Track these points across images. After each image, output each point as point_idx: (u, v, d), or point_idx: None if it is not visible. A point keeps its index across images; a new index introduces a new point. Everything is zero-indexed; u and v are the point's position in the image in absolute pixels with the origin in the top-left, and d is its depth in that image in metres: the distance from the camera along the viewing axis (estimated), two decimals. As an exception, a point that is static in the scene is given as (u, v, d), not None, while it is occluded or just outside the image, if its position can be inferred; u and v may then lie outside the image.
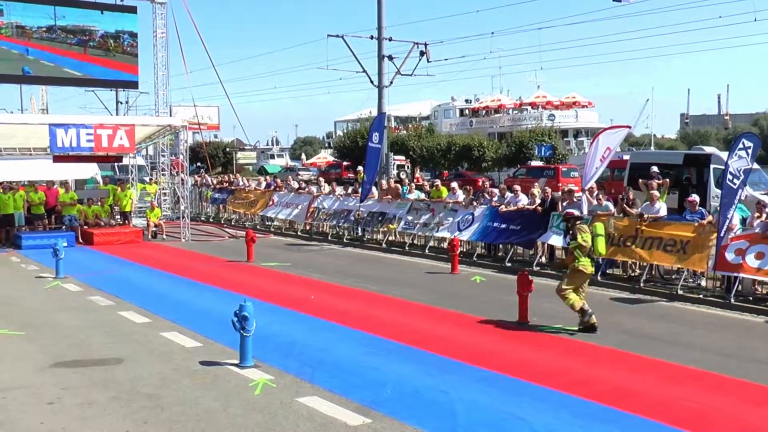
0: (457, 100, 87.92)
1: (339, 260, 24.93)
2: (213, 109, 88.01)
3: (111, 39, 38.80)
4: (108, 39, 38.59)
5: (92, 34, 38.42)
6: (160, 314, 16.05)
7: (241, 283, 20.08)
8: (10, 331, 14.65)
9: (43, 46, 36.95)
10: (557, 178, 46.05)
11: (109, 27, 38.71)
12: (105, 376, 11.55)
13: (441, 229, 25.12)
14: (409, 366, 12.02)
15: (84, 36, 38.20)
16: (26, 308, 17.07)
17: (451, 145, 66.95)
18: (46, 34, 37.17)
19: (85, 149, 27.95)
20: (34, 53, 36.74)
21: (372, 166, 29.40)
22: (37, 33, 36.96)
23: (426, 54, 38.16)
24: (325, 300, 17.81)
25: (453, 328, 14.85)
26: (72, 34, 37.92)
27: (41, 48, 36.95)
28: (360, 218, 28.95)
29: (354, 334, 14.34)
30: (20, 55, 36.55)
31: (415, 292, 18.69)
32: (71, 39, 37.73)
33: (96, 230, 29.80)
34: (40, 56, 37.01)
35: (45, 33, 37.15)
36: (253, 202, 35.96)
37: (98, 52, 38.46)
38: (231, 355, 12.36)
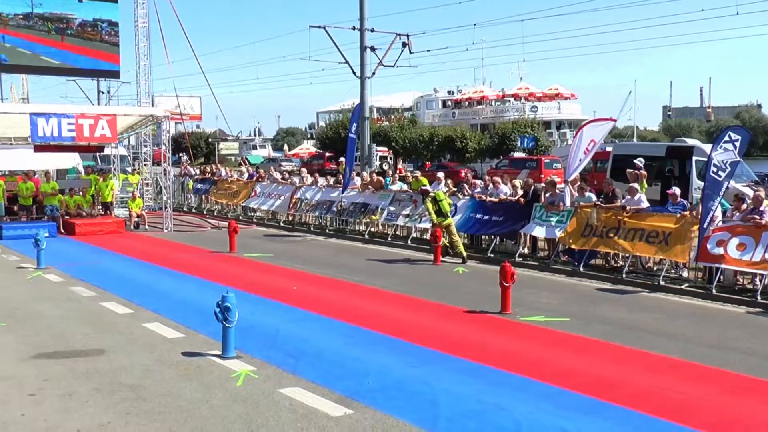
0: (439, 92, 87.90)
1: (322, 251, 24.91)
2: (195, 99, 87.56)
3: (89, 27, 38.56)
4: (86, 27, 38.34)
5: (70, 22, 38.18)
6: (143, 305, 15.99)
7: (224, 273, 20.04)
8: (-9, 322, 14.57)
9: (19, 34, 36.69)
10: (540, 169, 46.12)
11: (87, 15, 38.46)
12: (87, 367, 11.50)
13: (423, 220, 25.12)
14: (391, 357, 12.03)
15: (61, 24, 37.96)
16: (7, 299, 16.96)
17: (433, 137, 66.99)
18: (23, 22, 36.90)
19: (67, 139, 27.76)
20: (10, 41, 36.49)
21: (351, 156, 29.45)
22: (13, 20, 36.70)
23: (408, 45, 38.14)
24: (307, 291, 17.79)
25: (435, 319, 14.87)
26: (49, 21, 37.67)
27: (18, 35, 36.68)
28: (342, 209, 28.93)
29: (336, 324, 14.34)
30: None
31: (397, 283, 18.70)
32: (48, 26, 37.48)
33: (78, 220, 29.65)
34: (17, 44, 36.75)
35: (22, 20, 36.89)
36: (235, 193, 35.86)
37: (77, 41, 38.22)
38: (213, 346, 12.34)
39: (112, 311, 15.55)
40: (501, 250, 23.04)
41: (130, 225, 31.24)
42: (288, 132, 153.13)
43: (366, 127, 35.95)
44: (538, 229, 21.41)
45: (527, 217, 21.85)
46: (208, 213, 37.01)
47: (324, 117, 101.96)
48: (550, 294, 17.47)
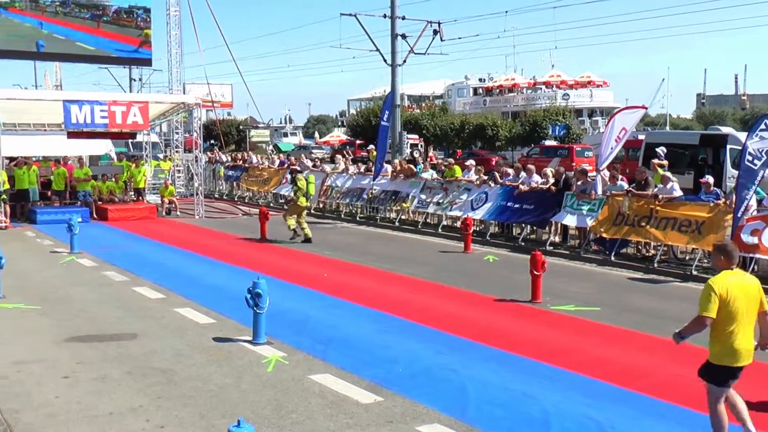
0: (470, 79, 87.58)
1: (352, 238, 24.96)
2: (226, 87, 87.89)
3: (125, 14, 38.86)
4: (122, 14, 38.64)
5: (105, 9, 38.50)
6: (174, 290, 16.14)
7: (255, 259, 20.15)
8: (26, 305, 14.78)
9: (56, 20, 37.02)
10: (571, 157, 45.95)
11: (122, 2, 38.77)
12: (119, 351, 11.65)
13: (454, 207, 25.09)
14: (420, 344, 12.06)
15: (97, 11, 38.28)
16: (41, 283, 17.19)
17: (464, 124, 66.82)
18: (59, 8, 37.24)
19: (99, 126, 28.01)
20: (48, 27, 36.85)
21: (383, 144, 29.44)
22: (51, 7, 37.04)
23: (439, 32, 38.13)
24: (337, 277, 17.86)
25: (465, 307, 14.88)
26: (85, 8, 38.00)
27: (55, 22, 37.04)
28: (373, 196, 28.97)
29: (366, 311, 14.39)
30: (34, 28, 36.66)
31: (427, 271, 18.72)
32: (84, 13, 37.80)
33: (110, 206, 29.93)
34: (54, 30, 37.12)
35: (59, 7, 37.23)
36: (266, 180, 36.00)
37: (112, 28, 38.54)
38: (244, 332, 12.44)
39: (144, 296, 15.72)
40: (531, 239, 23.00)
41: (161, 211, 31.49)
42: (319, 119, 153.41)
43: (397, 115, 35.95)
44: (569, 217, 21.33)
45: (558, 205, 21.76)
46: (239, 200, 37.20)
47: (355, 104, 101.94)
48: (581, 283, 17.42)
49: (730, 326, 7.83)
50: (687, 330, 8.05)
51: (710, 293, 7.75)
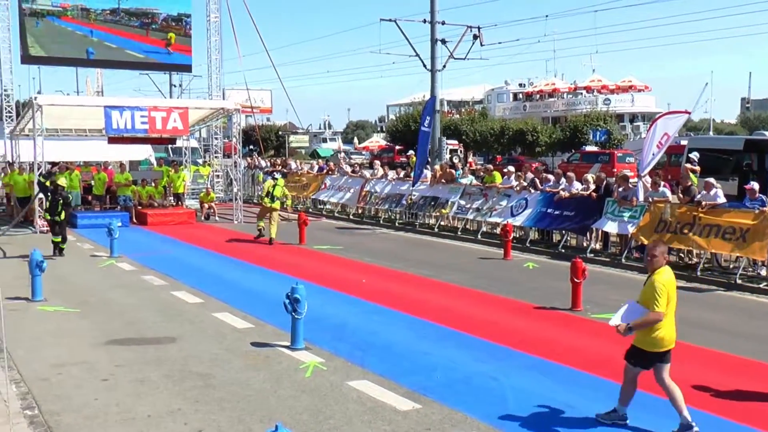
0: (510, 84, 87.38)
1: (391, 244, 24.96)
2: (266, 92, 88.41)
3: (173, 21, 39.34)
4: (170, 21, 39.13)
5: (154, 17, 39.02)
6: (213, 295, 16.23)
7: (293, 265, 20.21)
8: (66, 308, 14.94)
9: (106, 28, 37.65)
10: (612, 163, 45.65)
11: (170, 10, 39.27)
12: (158, 354, 11.72)
13: (494, 214, 25.00)
14: (459, 351, 12.01)
15: (146, 18, 38.80)
16: (81, 286, 17.37)
17: (504, 130, 66.62)
18: (109, 17, 37.82)
19: (140, 131, 28.32)
20: (97, 35, 37.48)
21: (423, 150, 29.40)
22: (101, 15, 37.62)
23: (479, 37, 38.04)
24: (376, 284, 17.86)
25: (504, 314, 14.81)
26: (134, 17, 38.55)
27: (104, 30, 37.66)
28: (412, 202, 28.94)
29: (405, 318, 14.36)
30: (84, 36, 37.29)
31: (466, 278, 18.66)
32: (134, 22, 38.37)
33: (150, 211, 30.19)
34: (104, 38, 37.74)
35: (108, 15, 37.80)
36: (305, 185, 36.14)
37: (159, 35, 39.08)
38: (282, 337, 12.46)
39: (182, 300, 15.82)
40: (572, 246, 22.84)
41: (200, 216, 31.69)
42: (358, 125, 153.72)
43: (436, 120, 35.88)
44: (610, 224, 21.16)
45: (599, 212, 21.60)
46: (278, 205, 37.31)
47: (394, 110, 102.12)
48: (622, 291, 17.22)
49: (669, 317, 8.78)
50: (640, 325, 8.73)
51: (662, 290, 8.66)
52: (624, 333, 8.77)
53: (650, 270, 8.95)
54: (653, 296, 8.64)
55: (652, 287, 8.69)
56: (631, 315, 8.84)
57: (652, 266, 8.91)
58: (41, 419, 9.03)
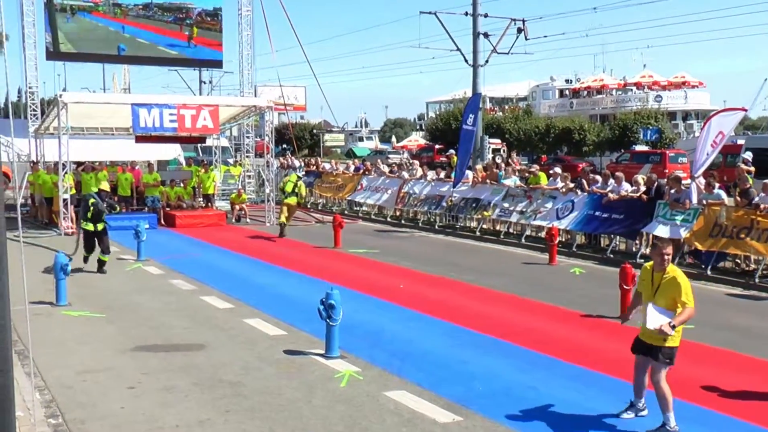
0: (556, 80, 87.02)
1: (430, 248, 24.94)
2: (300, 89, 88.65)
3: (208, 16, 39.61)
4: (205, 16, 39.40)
5: (188, 11, 39.31)
6: (244, 300, 16.32)
7: (328, 269, 20.26)
8: (91, 313, 15.10)
9: (139, 24, 37.97)
10: (664, 163, 45.32)
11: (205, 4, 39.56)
12: (186, 362, 11.81)
13: (538, 217, 24.91)
14: (500, 360, 11.99)
15: (180, 14, 39.11)
16: (107, 290, 17.54)
17: (549, 128, 66.29)
18: (142, 12, 38.19)
19: (168, 130, 28.49)
20: (129, 30, 37.80)
21: (465, 149, 29.34)
22: (133, 11, 38.00)
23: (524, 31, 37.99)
24: (414, 289, 17.86)
25: (548, 322, 14.74)
26: (168, 11, 38.88)
27: (137, 26, 37.99)
28: (453, 204, 28.90)
29: (444, 325, 14.35)
30: (116, 32, 37.64)
31: (509, 283, 18.60)
32: (167, 17, 38.67)
33: (178, 212, 30.41)
34: (136, 34, 38.08)
35: (141, 10, 38.18)
36: (340, 186, 36.23)
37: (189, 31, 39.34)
38: (316, 345, 12.50)
39: (211, 305, 15.92)
40: (621, 251, 22.67)
41: (231, 218, 31.86)
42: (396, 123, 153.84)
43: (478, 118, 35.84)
44: (662, 228, 20.97)
45: (649, 215, 21.43)
46: (312, 207, 37.43)
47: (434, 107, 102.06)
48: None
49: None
50: (683, 322, 8.96)
51: (689, 286, 9.04)
52: (671, 332, 8.87)
53: (662, 269, 9.13)
54: (686, 292, 8.93)
55: (679, 284, 8.96)
56: (662, 315, 8.95)
57: (666, 265, 9.12)
58: (65, 428, 9.14)
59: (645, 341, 9.19)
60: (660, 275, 9.11)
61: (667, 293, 9.00)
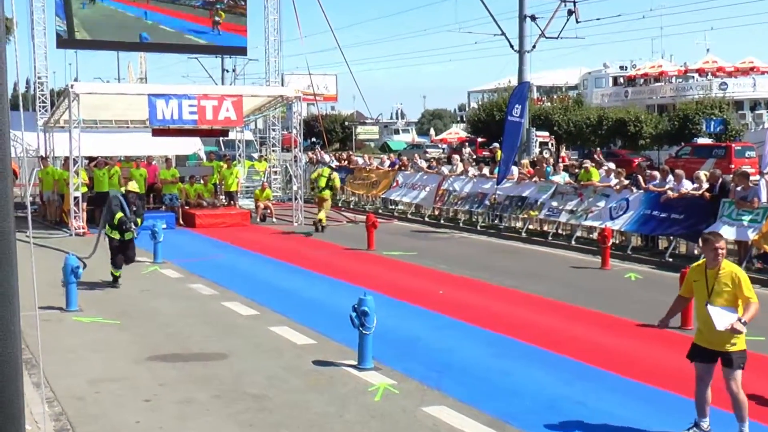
0: (610, 67, 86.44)
1: (471, 250, 24.92)
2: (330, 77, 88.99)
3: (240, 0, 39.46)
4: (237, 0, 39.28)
5: None
6: (269, 306, 16.41)
7: (361, 273, 20.32)
8: (104, 320, 15.24)
9: (163, 9, 37.92)
10: (729, 158, 44.89)
11: None
12: (206, 373, 11.88)
13: (590, 216, 24.80)
14: (546, 372, 11.96)
15: None
16: (121, 295, 17.68)
17: (602, 119, 65.92)
18: None
19: (188, 122, 28.64)
20: (153, 17, 37.77)
21: (511, 143, 29.22)
22: None
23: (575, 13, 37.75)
24: (454, 295, 17.86)
25: (600, 332, 14.69)
26: None
27: (161, 11, 37.94)
28: (496, 203, 28.83)
29: (485, 334, 14.35)
30: (137, 19, 37.60)
31: (557, 289, 18.54)
32: (195, 1, 38.64)
33: (198, 211, 30.55)
34: (160, 20, 38.01)
35: None
36: (374, 183, 36.25)
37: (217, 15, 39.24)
38: (348, 355, 12.54)
39: (234, 312, 15.99)
40: (681, 254, 22.53)
41: (255, 217, 31.98)
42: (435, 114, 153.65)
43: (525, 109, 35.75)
44: (727, 229, 20.81)
45: (713, 215, 21.29)
46: (344, 205, 37.49)
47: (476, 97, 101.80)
48: (740, 306, 16.94)
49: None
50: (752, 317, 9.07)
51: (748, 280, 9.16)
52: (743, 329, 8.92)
53: (715, 265, 9.13)
54: (747, 286, 9.02)
55: (738, 278, 9.01)
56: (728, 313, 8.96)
57: (719, 260, 9.13)
58: (77, 442, 9.22)
59: (708, 348, 9.12)
60: (714, 272, 9.05)
61: (724, 290, 8.98)
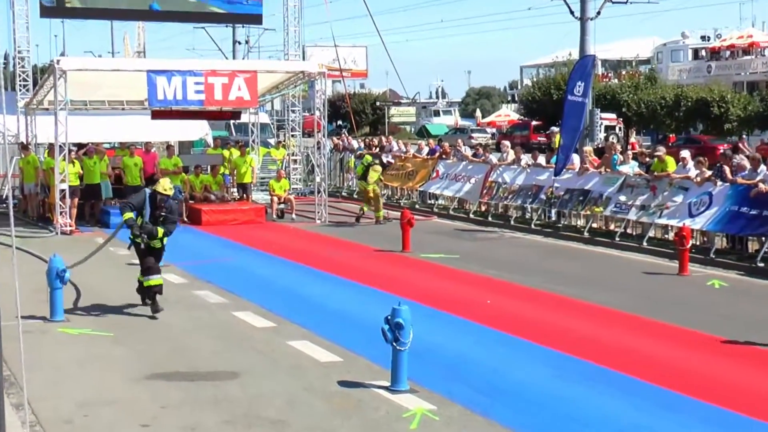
0: (689, 37, 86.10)
1: (524, 252, 24.88)
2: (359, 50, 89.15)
3: None
4: None
5: None
6: (288, 317, 16.42)
7: (395, 279, 20.33)
8: (95, 331, 15.29)
9: None
10: (833, 145, 44.64)
11: None
12: (215, 394, 11.88)
13: (665, 213, 24.63)
14: (615, 398, 11.88)
15: None
16: (115, 303, 17.70)
17: (680, 99, 65.66)
18: None
19: (193, 103, 28.69)
20: None
21: (572, 126, 29.05)
22: None
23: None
24: (504, 305, 17.85)
25: (677, 350, 14.58)
26: None
27: None
28: (554, 197, 28.72)
29: (542, 351, 14.29)
30: None
31: (626, 299, 18.44)
32: None
33: (205, 206, 30.61)
34: None
35: None
36: (410, 174, 36.18)
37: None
38: (379, 375, 12.52)
39: (247, 323, 16.02)
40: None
41: (272, 213, 31.99)
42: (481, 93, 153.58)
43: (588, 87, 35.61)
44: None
45: (813, 211, 21.16)
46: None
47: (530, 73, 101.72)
48: None
49: None
50: None
51: None
52: None
53: None
54: None
55: None
56: None
57: None
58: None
59: None
60: None
61: None
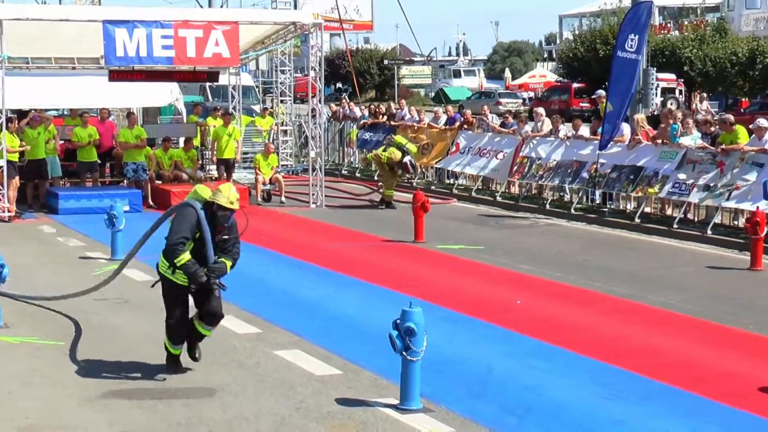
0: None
1: (562, 242, 24.94)
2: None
3: None
4: None
5: None
6: (276, 322, 16.47)
7: (405, 275, 20.40)
8: (41, 340, 15.27)
9: None
10: None
11: None
12: (188, 415, 11.88)
13: (734, 195, 24.61)
14: (677, 420, 11.87)
15: None
16: (65, 306, 17.69)
17: (755, 55, 65.52)
18: None
19: (161, 60, 28.70)
20: None
21: (622, 89, 28.98)
22: None
23: None
24: (538, 307, 17.89)
25: (752, 362, 14.57)
26: None
27: None
28: (599, 175, 28.70)
29: (586, 364, 14.30)
30: None
31: (687, 299, 18.47)
32: None
33: (175, 188, 30.49)
34: None
35: None
36: (425, 147, 36.14)
37: None
38: (386, 390, 12.53)
39: (227, 329, 15.98)
40: None
41: (256, 196, 32.00)
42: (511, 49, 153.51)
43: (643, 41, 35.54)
44: None
45: None
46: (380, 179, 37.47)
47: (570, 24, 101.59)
48: None
49: None
50: None
51: None
52: None
53: None
54: None
55: None
56: None
57: None
58: None
59: None
60: None
61: None
